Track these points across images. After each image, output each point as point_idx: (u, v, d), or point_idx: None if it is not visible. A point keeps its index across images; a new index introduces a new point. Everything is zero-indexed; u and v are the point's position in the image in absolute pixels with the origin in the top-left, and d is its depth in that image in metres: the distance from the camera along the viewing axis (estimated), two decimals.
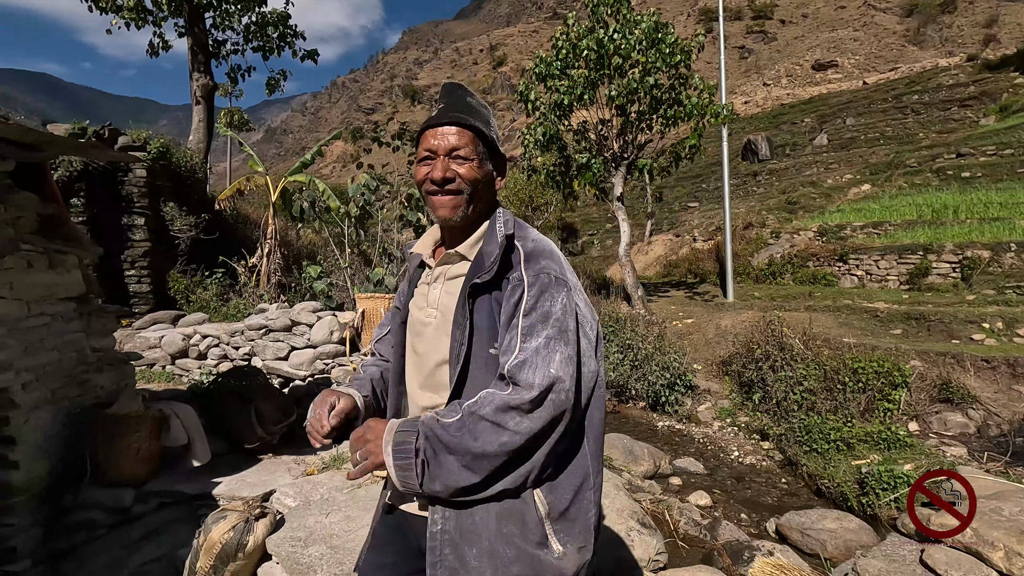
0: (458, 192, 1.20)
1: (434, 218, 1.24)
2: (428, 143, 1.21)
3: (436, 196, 1.21)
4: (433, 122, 1.21)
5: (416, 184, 1.26)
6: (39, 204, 2.88)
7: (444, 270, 1.27)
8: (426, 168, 1.22)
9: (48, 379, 3.02)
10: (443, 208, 1.21)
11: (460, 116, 1.21)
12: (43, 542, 2.92)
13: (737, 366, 6.84)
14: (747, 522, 3.95)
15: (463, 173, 1.19)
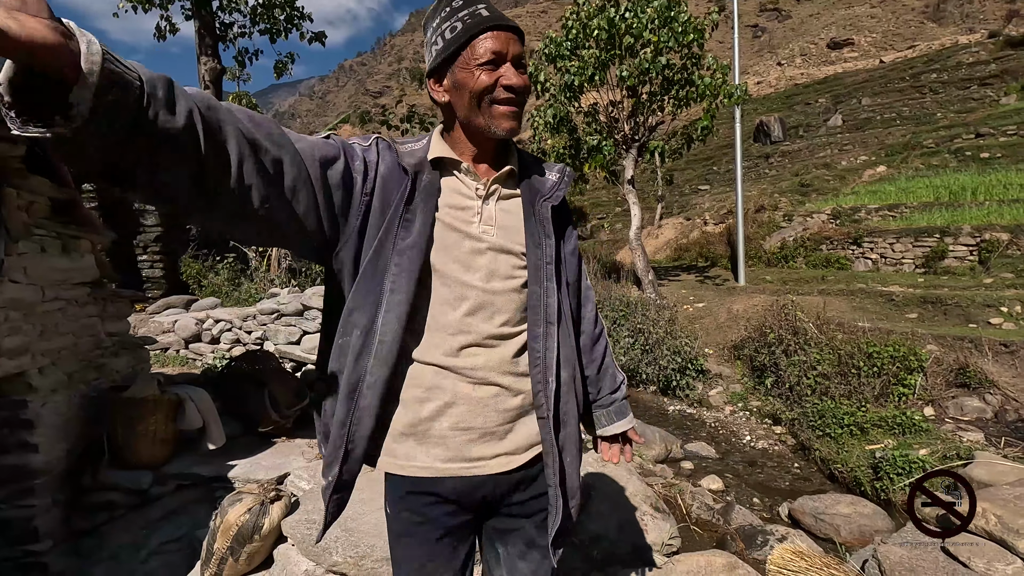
0: (523, 103, 1.12)
1: (496, 129, 1.09)
2: (495, 45, 1.06)
3: (508, 105, 1.09)
4: (499, 23, 1.07)
5: (472, 93, 1.07)
6: (52, 188, 2.87)
7: (498, 188, 1.17)
8: (493, 74, 1.07)
9: (65, 363, 3.05)
10: (511, 120, 1.10)
11: (514, 23, 1.11)
12: (64, 523, 2.97)
13: (749, 350, 6.79)
14: (759, 506, 3.95)
15: (525, 83, 1.10)
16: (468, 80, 1.07)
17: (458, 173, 1.16)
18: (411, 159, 1.12)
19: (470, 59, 1.07)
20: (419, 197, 1.10)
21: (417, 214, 1.09)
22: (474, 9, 1.09)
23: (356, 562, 2.32)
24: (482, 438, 1.13)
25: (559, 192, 1.20)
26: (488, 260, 1.13)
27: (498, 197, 1.17)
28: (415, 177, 1.11)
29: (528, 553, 1.21)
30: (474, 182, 1.16)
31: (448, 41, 1.09)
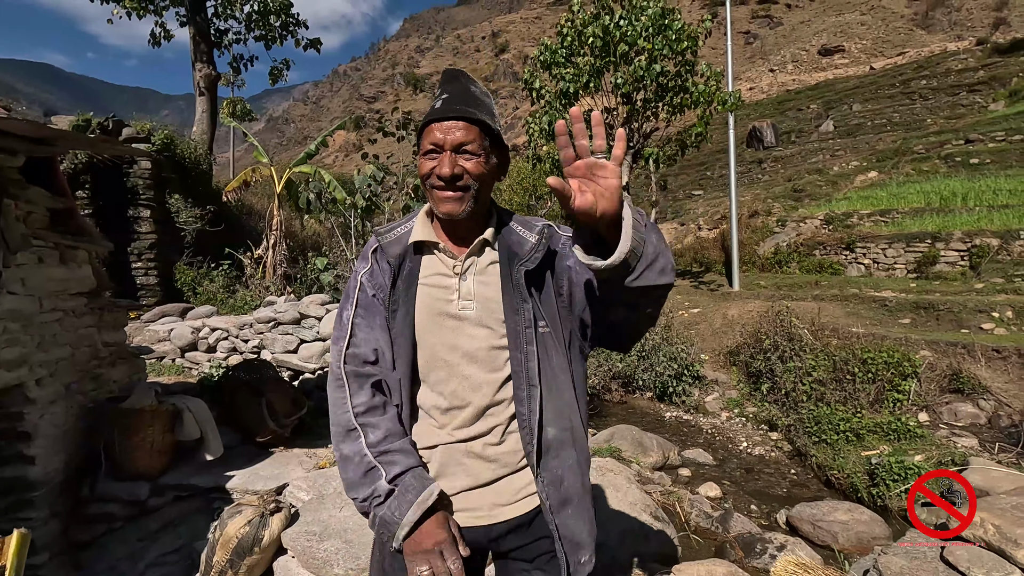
0: (466, 188, 1.16)
1: (438, 213, 1.18)
2: (433, 137, 1.16)
3: (443, 191, 1.16)
4: (438, 116, 1.16)
5: (420, 177, 1.20)
6: (49, 199, 2.87)
7: (473, 261, 1.22)
8: (431, 163, 1.16)
9: (62, 374, 3.03)
10: (449, 203, 1.16)
11: (466, 109, 1.16)
12: (62, 535, 2.95)
13: (745, 356, 6.83)
14: (757, 513, 3.96)
15: (470, 169, 1.15)
16: (419, 166, 1.20)
17: (437, 252, 1.24)
18: (395, 248, 1.24)
19: (421, 148, 1.19)
20: (401, 284, 1.23)
21: (400, 301, 1.22)
22: (436, 98, 1.21)
23: (357, 574, 2.31)
24: (472, 491, 1.19)
25: (537, 255, 1.20)
26: (469, 335, 1.20)
27: (476, 271, 1.22)
28: (399, 266, 1.24)
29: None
30: (451, 260, 1.23)
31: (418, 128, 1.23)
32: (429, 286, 1.22)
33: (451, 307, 1.20)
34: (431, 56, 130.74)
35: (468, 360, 1.19)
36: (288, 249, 8.58)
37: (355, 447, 1.14)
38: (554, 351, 1.21)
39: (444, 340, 1.20)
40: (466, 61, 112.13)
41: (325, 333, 4.47)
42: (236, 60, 12.64)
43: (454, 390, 1.20)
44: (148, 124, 8.57)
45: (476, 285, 1.21)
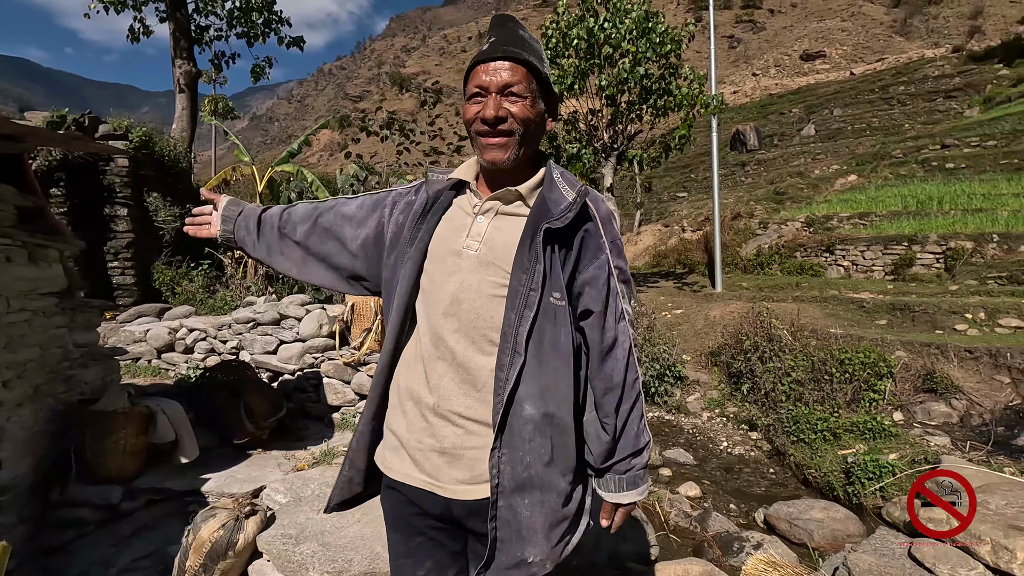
0: (510, 133, 1.12)
1: (482, 161, 1.17)
2: (479, 79, 1.13)
3: (486, 137, 1.13)
4: (484, 56, 1.13)
5: (465, 123, 1.18)
6: (18, 196, 2.80)
7: (495, 205, 1.19)
8: (476, 106, 1.13)
9: (31, 376, 2.96)
10: (494, 150, 1.13)
11: (513, 50, 1.12)
12: (31, 540, 2.88)
13: (726, 357, 6.90)
14: (736, 512, 4.00)
15: (516, 112, 1.11)
16: (464, 112, 1.19)
17: (468, 192, 1.25)
18: (436, 185, 1.28)
19: (466, 94, 1.18)
20: (430, 214, 1.25)
21: (422, 229, 1.23)
22: (484, 42, 1.20)
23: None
24: (443, 457, 1.14)
25: (569, 214, 1.11)
26: (463, 275, 1.15)
27: (495, 214, 1.19)
28: (434, 198, 1.26)
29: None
30: (476, 199, 1.22)
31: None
32: (450, 219, 1.23)
33: (456, 243, 1.18)
34: (417, 56, 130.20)
35: (457, 299, 1.13)
36: None
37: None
38: (561, 329, 1.12)
39: (441, 273, 1.17)
40: (453, 61, 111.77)
41: (305, 334, 4.43)
42: (217, 57, 12.48)
43: (437, 333, 1.14)
44: (126, 121, 8.41)
45: (490, 229, 1.17)
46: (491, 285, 1.13)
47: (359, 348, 4.20)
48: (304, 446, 3.82)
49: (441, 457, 1.14)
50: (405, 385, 1.21)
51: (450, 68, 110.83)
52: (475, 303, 1.13)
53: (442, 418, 1.14)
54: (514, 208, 1.20)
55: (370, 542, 2.52)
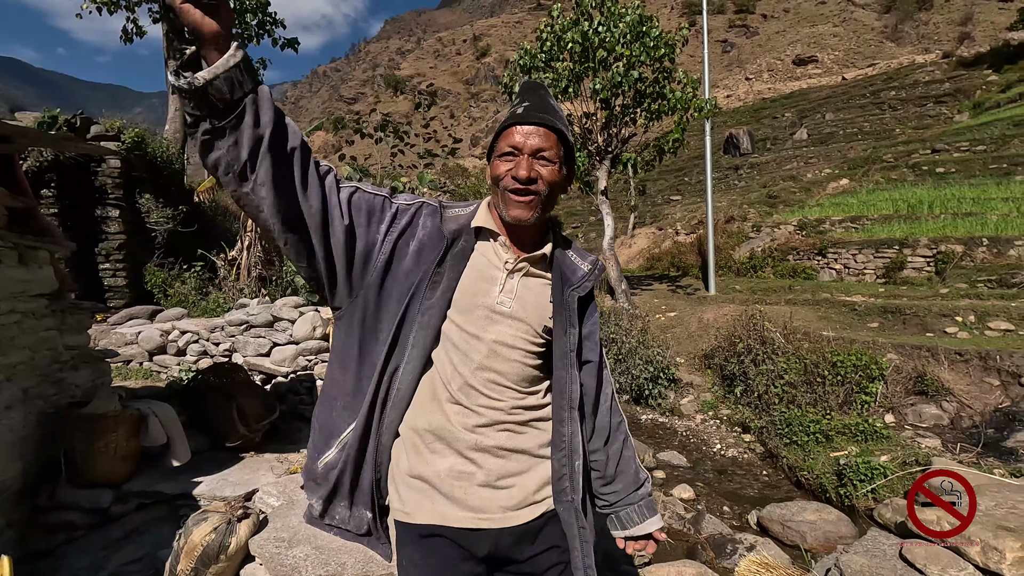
0: (537, 193, 1.19)
1: (506, 216, 1.20)
2: (512, 139, 1.19)
3: (517, 195, 1.19)
4: (520, 120, 1.20)
5: (492, 178, 1.24)
6: (8, 197, 2.78)
7: (526, 266, 1.26)
8: (508, 164, 1.19)
9: (20, 378, 2.94)
10: (521, 208, 1.19)
11: (547, 117, 1.20)
12: (19, 544, 2.85)
13: (719, 359, 6.93)
14: (729, 515, 4.01)
15: (545, 175, 1.19)
16: (493, 168, 1.23)
17: (494, 243, 1.26)
18: (453, 224, 1.25)
19: (496, 150, 1.22)
20: (449, 260, 1.21)
21: (444, 276, 1.20)
22: (516, 105, 1.24)
23: None
24: (488, 490, 1.17)
25: (588, 283, 1.29)
26: (500, 328, 1.20)
27: (524, 274, 1.25)
28: (451, 242, 1.22)
29: None
30: (506, 255, 1.25)
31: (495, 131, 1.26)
32: (477, 269, 1.23)
33: (488, 298, 1.21)
34: (412, 58, 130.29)
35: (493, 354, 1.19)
36: (263, 251, 8.44)
37: None
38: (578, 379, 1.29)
39: (473, 326, 1.20)
40: (447, 64, 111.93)
41: (298, 336, 4.41)
42: None
43: (468, 383, 1.18)
44: (118, 122, 8.36)
45: (521, 288, 1.24)
46: (525, 342, 1.22)
47: None
48: (297, 448, 3.80)
49: (487, 490, 1.17)
50: (428, 426, 1.19)
51: (444, 71, 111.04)
52: (511, 357, 1.20)
53: (485, 452, 1.18)
54: (540, 269, 1.28)
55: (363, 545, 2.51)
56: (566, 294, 1.25)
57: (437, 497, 1.16)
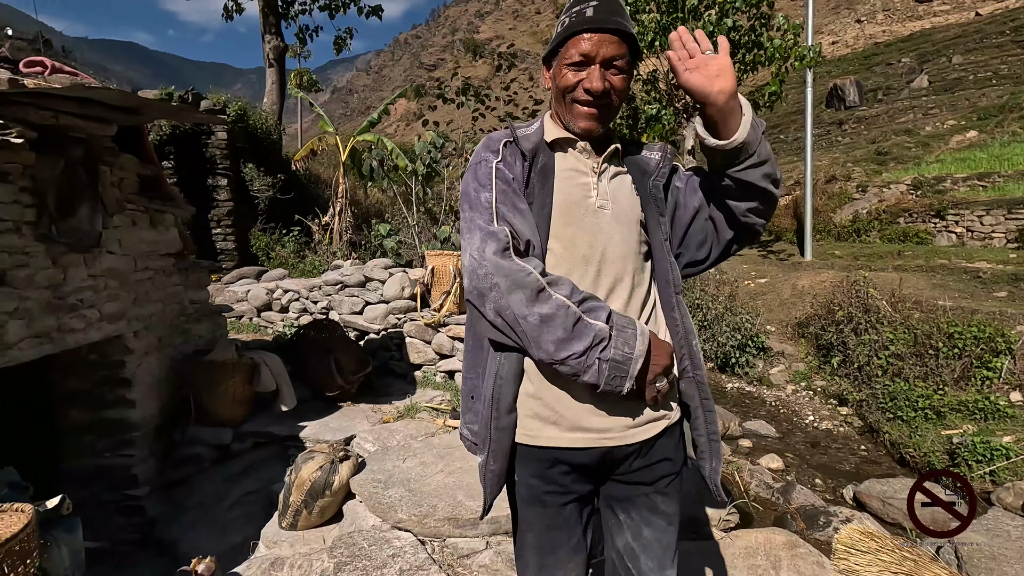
0: (608, 105, 1.17)
1: (574, 128, 1.19)
2: (583, 47, 1.12)
3: (586, 107, 1.16)
4: (592, 25, 1.11)
5: (557, 88, 1.19)
6: (139, 166, 3.08)
7: (608, 166, 1.25)
8: (578, 75, 1.13)
9: (154, 328, 3.31)
10: (590, 120, 1.17)
11: (619, 21, 1.12)
12: (158, 473, 3.27)
13: (815, 328, 6.51)
14: (821, 488, 3.83)
15: (617, 85, 1.15)
16: (559, 76, 1.17)
17: (573, 151, 1.24)
18: (527, 143, 1.22)
19: (563, 57, 1.16)
20: (536, 177, 1.20)
21: (536, 193, 1.19)
22: (583, 8, 1.15)
23: (420, 520, 2.44)
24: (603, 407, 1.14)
25: (665, 169, 1.26)
26: (606, 231, 1.19)
27: (609, 176, 1.24)
28: (532, 159, 1.21)
29: (652, 519, 1.22)
30: (589, 160, 1.23)
31: (555, 36, 1.20)
32: (567, 180, 1.21)
33: (590, 202, 1.20)
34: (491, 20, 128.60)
35: (606, 257, 1.18)
36: (353, 216, 8.86)
37: (554, 304, 1.05)
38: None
39: (583, 233, 1.18)
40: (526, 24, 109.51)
41: (388, 296, 4.63)
42: (302, 31, 12.94)
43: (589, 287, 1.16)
44: (223, 96, 8.97)
45: (612, 188, 1.23)
46: (629, 240, 1.21)
47: (439, 310, 4.34)
48: (389, 401, 4.03)
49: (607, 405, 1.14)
50: None
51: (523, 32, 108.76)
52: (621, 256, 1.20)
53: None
54: (617, 169, 1.26)
55: (452, 491, 2.66)
56: (649, 184, 1.25)
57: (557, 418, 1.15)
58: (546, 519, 1.21)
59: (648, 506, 1.22)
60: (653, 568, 1.21)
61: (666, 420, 1.20)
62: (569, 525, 1.21)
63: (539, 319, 1.05)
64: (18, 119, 2.25)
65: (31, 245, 2.40)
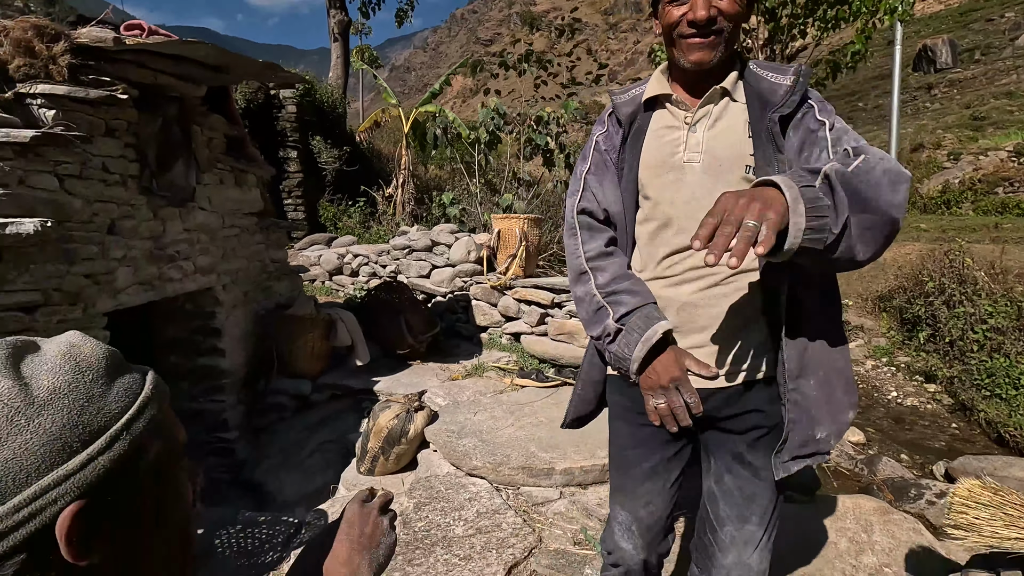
0: (719, 32, 1.08)
1: (685, 64, 1.12)
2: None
3: (694, 39, 1.08)
4: None
5: (663, 29, 1.14)
6: (227, 126, 3.22)
7: (707, 111, 1.15)
8: (681, 8, 1.08)
9: (240, 283, 3.49)
10: (702, 50, 1.08)
11: None
12: (245, 418, 3.49)
13: (899, 301, 6.09)
14: (908, 463, 3.62)
15: (725, 8, 1.06)
16: (662, 16, 1.13)
17: (669, 105, 1.20)
18: (626, 108, 1.24)
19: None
20: (629, 142, 1.23)
21: (627, 156, 1.22)
22: None
23: (494, 468, 2.48)
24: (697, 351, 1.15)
25: (793, 98, 1.09)
26: (692, 190, 1.14)
27: (709, 122, 1.15)
28: (629, 125, 1.23)
29: (735, 468, 1.20)
30: (683, 112, 1.18)
31: None
32: (656, 139, 1.19)
33: (675, 158, 1.16)
34: None
35: (689, 214, 1.13)
36: (415, 188, 8.99)
37: (585, 289, 1.20)
38: None
39: (666, 192, 1.17)
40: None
41: (454, 259, 4.68)
42: (365, 5, 13.08)
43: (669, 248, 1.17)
44: (292, 70, 9.24)
45: (706, 138, 1.15)
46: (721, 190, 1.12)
47: (504, 273, 4.35)
48: (456, 360, 4.11)
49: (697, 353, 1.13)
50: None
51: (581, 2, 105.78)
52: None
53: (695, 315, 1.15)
54: (723, 108, 1.16)
55: (524, 443, 2.68)
56: (767, 119, 1.09)
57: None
58: (623, 437, 1.29)
59: (733, 454, 1.20)
60: (731, 516, 1.20)
61: (755, 373, 1.15)
62: (646, 449, 1.26)
63: (576, 297, 1.24)
64: (121, 77, 2.39)
65: (135, 198, 2.57)
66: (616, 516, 1.32)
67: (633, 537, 1.29)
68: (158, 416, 0.53)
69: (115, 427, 0.47)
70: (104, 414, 0.47)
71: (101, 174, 2.36)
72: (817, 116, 1.10)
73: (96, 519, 0.45)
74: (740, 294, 1.13)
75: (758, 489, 1.18)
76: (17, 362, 0.45)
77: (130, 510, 0.49)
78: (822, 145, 1.07)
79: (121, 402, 0.49)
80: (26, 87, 2.09)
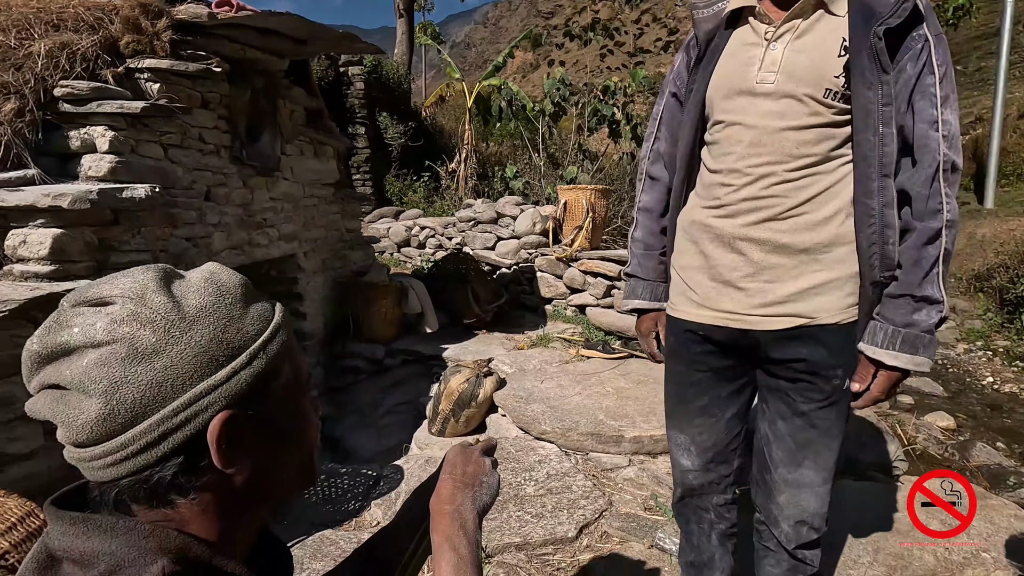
0: None
1: None
2: None
3: None
4: None
5: None
6: (307, 98, 3.35)
7: (792, 25, 1.05)
8: None
9: (319, 251, 3.66)
10: None
11: None
12: (325, 379, 3.69)
13: (1000, 280, 5.60)
14: (1006, 452, 3.37)
15: None
16: None
17: (752, 20, 1.11)
18: (706, 24, 1.17)
19: None
20: (705, 59, 1.16)
21: (700, 74, 1.17)
22: None
23: (563, 433, 2.51)
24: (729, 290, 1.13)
25: (905, 6, 0.95)
26: (766, 104, 1.07)
27: (794, 36, 1.05)
28: (707, 41, 1.17)
29: (787, 414, 1.17)
30: (764, 26, 1.09)
31: None
32: (731, 58, 1.12)
33: (746, 81, 1.08)
34: None
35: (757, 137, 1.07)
36: (478, 163, 9.05)
37: (631, 235, 1.41)
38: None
39: (734, 115, 1.10)
40: None
41: (519, 231, 4.71)
42: None
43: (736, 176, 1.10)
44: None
45: (788, 53, 1.05)
46: (797, 117, 1.04)
47: (571, 245, 4.33)
48: (522, 331, 4.16)
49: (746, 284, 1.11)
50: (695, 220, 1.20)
51: None
52: (780, 142, 1.05)
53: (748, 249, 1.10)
54: (816, 20, 1.05)
55: (592, 411, 2.70)
56: (871, 32, 0.96)
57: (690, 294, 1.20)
58: (677, 374, 1.30)
59: (785, 401, 1.17)
60: (784, 460, 1.18)
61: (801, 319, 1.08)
62: (700, 387, 1.25)
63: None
64: (215, 52, 2.52)
65: (227, 167, 2.73)
66: (674, 438, 1.33)
67: (691, 456, 1.29)
68: (288, 342, 0.57)
69: (253, 346, 0.51)
70: (243, 334, 0.51)
71: (199, 144, 2.52)
72: (933, 56, 0.98)
73: (239, 431, 0.50)
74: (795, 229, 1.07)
75: (812, 435, 1.14)
76: (168, 283, 0.50)
77: (267, 426, 0.54)
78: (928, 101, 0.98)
79: (257, 325, 0.53)
80: (135, 62, 2.25)
